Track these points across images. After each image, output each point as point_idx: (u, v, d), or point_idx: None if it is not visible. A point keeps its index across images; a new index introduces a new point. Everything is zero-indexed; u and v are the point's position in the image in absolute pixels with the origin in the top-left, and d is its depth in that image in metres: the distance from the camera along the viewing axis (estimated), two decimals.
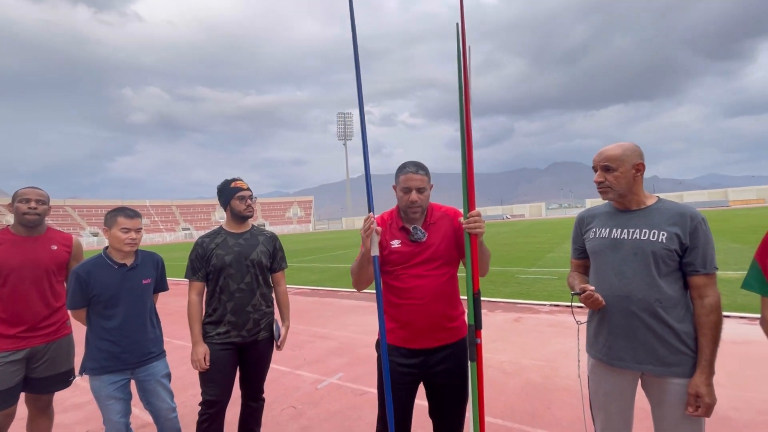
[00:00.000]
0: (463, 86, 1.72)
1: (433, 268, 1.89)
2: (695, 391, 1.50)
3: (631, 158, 1.64)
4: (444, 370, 1.90)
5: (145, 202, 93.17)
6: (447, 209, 2.03)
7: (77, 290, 2.18)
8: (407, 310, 1.89)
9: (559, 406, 3.11)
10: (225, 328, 2.29)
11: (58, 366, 2.43)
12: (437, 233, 1.93)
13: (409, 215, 1.94)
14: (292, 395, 3.59)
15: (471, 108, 1.75)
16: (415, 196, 1.87)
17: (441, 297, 1.89)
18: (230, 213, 2.43)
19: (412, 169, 1.90)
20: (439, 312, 1.88)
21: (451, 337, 1.91)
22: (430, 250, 1.90)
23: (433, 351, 1.90)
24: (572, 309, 1.84)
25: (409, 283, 1.89)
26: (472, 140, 1.74)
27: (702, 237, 1.54)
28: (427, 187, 1.92)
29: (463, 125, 1.72)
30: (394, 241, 1.94)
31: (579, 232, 1.90)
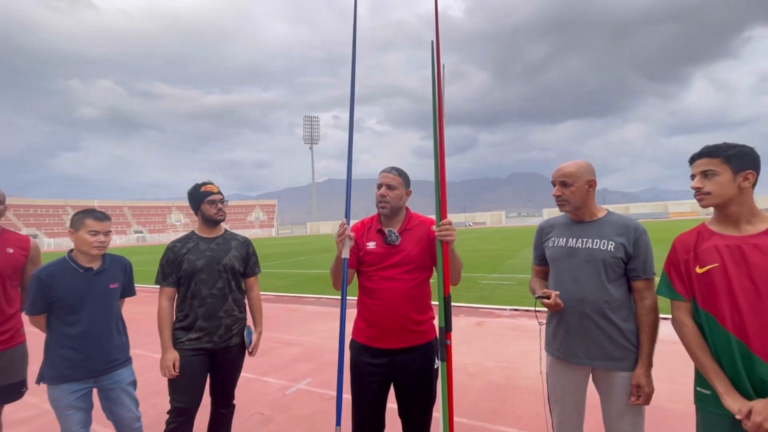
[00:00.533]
0: (437, 102, 1.86)
1: (404, 271, 2.00)
2: (637, 381, 1.70)
3: (585, 175, 1.84)
4: (412, 371, 1.99)
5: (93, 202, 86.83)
6: (425, 219, 2.16)
7: (38, 295, 2.08)
8: (376, 310, 2.00)
9: (520, 404, 3.31)
10: (196, 334, 2.27)
11: (11, 376, 2.29)
12: (411, 239, 2.05)
13: (379, 209, 2.07)
14: (260, 401, 3.55)
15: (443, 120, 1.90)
16: (384, 191, 2.03)
17: (409, 300, 1.99)
18: (201, 217, 2.41)
19: (387, 169, 2.10)
20: (406, 314, 1.98)
21: (418, 339, 2.01)
22: (402, 254, 2.01)
23: (400, 352, 1.99)
24: (536, 311, 2.01)
25: (380, 284, 2.00)
26: (444, 154, 1.89)
27: (643, 246, 1.76)
28: (398, 186, 2.06)
29: (436, 140, 1.86)
30: (370, 243, 2.05)
31: (540, 240, 2.08)
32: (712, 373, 1.44)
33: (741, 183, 1.44)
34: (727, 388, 1.40)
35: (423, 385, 2.01)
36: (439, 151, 1.85)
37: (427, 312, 2.08)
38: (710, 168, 1.47)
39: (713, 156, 1.47)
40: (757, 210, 1.47)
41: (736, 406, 1.36)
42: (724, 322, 1.42)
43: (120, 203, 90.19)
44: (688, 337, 1.52)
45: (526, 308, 6.64)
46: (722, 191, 1.45)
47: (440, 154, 1.85)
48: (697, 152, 1.54)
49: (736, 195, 1.45)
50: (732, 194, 1.45)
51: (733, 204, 1.46)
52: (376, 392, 2.03)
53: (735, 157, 1.44)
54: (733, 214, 1.47)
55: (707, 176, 1.48)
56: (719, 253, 1.45)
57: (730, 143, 1.48)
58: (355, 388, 2.06)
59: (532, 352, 4.51)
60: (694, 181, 1.53)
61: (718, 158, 1.46)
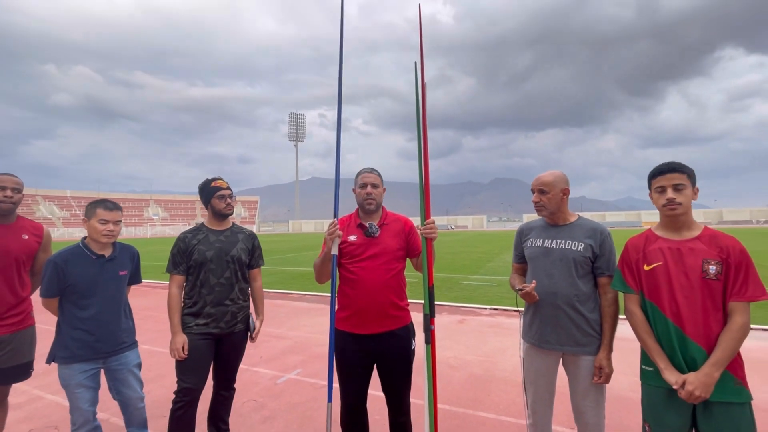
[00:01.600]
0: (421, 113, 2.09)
1: (382, 262, 2.23)
2: (599, 363, 1.97)
3: (560, 184, 2.11)
4: (393, 353, 2.24)
5: (66, 192, 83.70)
6: (400, 216, 2.44)
7: (53, 279, 2.20)
8: (357, 298, 2.21)
9: (497, 393, 3.57)
10: (204, 319, 2.42)
11: (20, 357, 2.39)
12: (388, 233, 2.30)
13: (365, 207, 2.31)
14: (252, 390, 3.70)
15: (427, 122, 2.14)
16: (370, 189, 2.29)
17: (387, 289, 2.22)
18: (211, 211, 2.57)
19: (367, 170, 2.35)
20: (386, 301, 2.21)
21: (396, 324, 2.25)
22: (380, 245, 2.25)
23: (381, 336, 2.22)
24: (516, 302, 2.26)
25: (360, 274, 2.21)
26: (428, 160, 2.13)
27: (608, 248, 2.04)
28: (379, 185, 2.33)
29: (421, 146, 2.09)
30: (351, 236, 2.29)
31: (519, 241, 2.34)
32: (654, 352, 1.73)
33: (693, 197, 1.74)
34: (667, 364, 1.68)
35: (402, 364, 2.26)
36: (424, 158, 2.09)
37: (403, 299, 2.32)
38: (681, 182, 1.73)
39: (682, 172, 1.73)
40: (693, 219, 1.78)
41: (673, 379, 1.64)
42: (665, 311, 1.71)
43: (95, 194, 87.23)
44: (636, 323, 1.81)
45: (505, 308, 6.97)
46: (688, 202, 1.73)
47: (424, 160, 2.09)
48: (665, 167, 1.75)
49: (690, 207, 1.74)
50: (690, 206, 1.74)
51: (688, 213, 1.75)
52: (362, 375, 2.27)
53: (692, 175, 1.74)
54: (682, 222, 1.76)
55: (679, 189, 1.73)
56: (663, 254, 1.74)
57: (682, 163, 1.76)
58: (342, 373, 2.28)
59: (509, 347, 4.80)
60: (669, 192, 1.72)
61: (684, 174, 1.73)
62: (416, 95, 2.11)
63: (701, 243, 1.70)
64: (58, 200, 79.73)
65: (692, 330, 1.65)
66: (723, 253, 1.65)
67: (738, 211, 73.16)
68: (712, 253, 1.66)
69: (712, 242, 1.68)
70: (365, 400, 2.33)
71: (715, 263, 1.64)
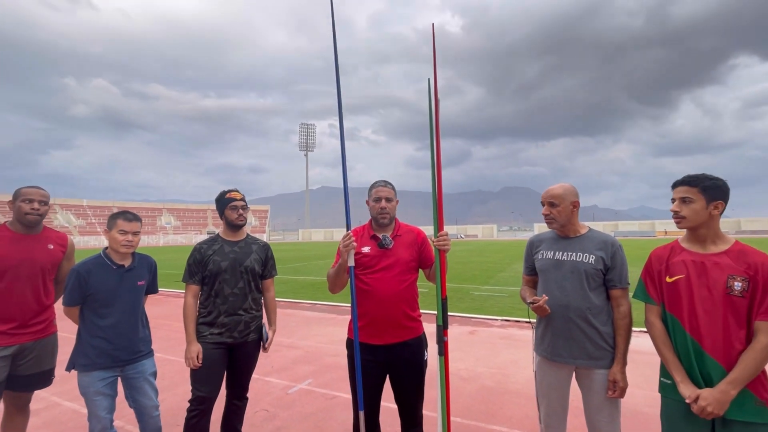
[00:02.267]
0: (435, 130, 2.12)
1: (395, 273, 2.26)
2: (613, 377, 1.95)
3: (570, 197, 2.12)
4: (406, 363, 2.25)
5: (82, 201, 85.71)
6: (412, 228, 2.47)
7: (76, 288, 2.28)
8: (371, 309, 2.23)
9: (510, 406, 3.53)
10: (218, 329, 2.47)
11: (43, 364, 2.46)
12: (401, 244, 2.34)
13: (379, 221, 2.35)
14: (263, 399, 3.72)
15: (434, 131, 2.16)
16: (384, 203, 2.32)
17: (401, 299, 2.25)
18: (225, 221, 2.63)
19: (381, 183, 2.38)
20: (400, 312, 2.24)
21: (410, 334, 2.27)
22: (394, 257, 2.28)
23: (394, 346, 2.24)
24: (528, 314, 2.26)
25: (374, 285, 2.24)
26: (441, 174, 2.16)
27: (619, 259, 2.03)
28: (393, 198, 2.37)
29: (434, 160, 2.12)
30: (365, 247, 2.32)
31: (530, 253, 2.34)
32: (672, 365, 1.71)
33: (712, 211, 1.70)
34: (683, 377, 1.66)
35: (415, 374, 2.27)
36: (437, 171, 2.12)
37: (416, 310, 2.34)
38: (688, 195, 1.73)
39: (692, 185, 1.73)
40: (721, 233, 1.75)
41: (687, 392, 1.62)
42: (684, 324, 1.69)
43: (110, 203, 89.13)
44: (656, 334, 1.79)
45: (516, 319, 6.89)
46: (695, 217, 1.71)
47: (438, 174, 2.12)
48: (679, 179, 1.79)
49: (706, 220, 1.71)
50: (703, 220, 1.71)
51: (703, 227, 1.73)
52: (375, 385, 2.28)
53: (710, 188, 1.70)
54: (702, 236, 1.74)
55: (685, 202, 1.74)
56: (686, 267, 1.72)
57: (708, 175, 1.74)
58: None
59: (521, 359, 4.75)
60: (674, 205, 1.78)
61: (696, 188, 1.72)
62: (429, 111, 2.14)
63: (728, 258, 1.67)
64: (74, 209, 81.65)
65: (710, 346, 1.63)
66: (751, 269, 1.60)
67: (757, 220, 71.29)
68: (739, 269, 1.62)
69: (740, 258, 1.65)
70: (378, 411, 2.34)
71: (741, 279, 1.61)
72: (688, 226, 1.75)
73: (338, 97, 2.20)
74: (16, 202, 2.36)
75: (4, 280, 2.29)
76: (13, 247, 2.34)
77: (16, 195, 2.37)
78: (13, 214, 2.38)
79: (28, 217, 2.37)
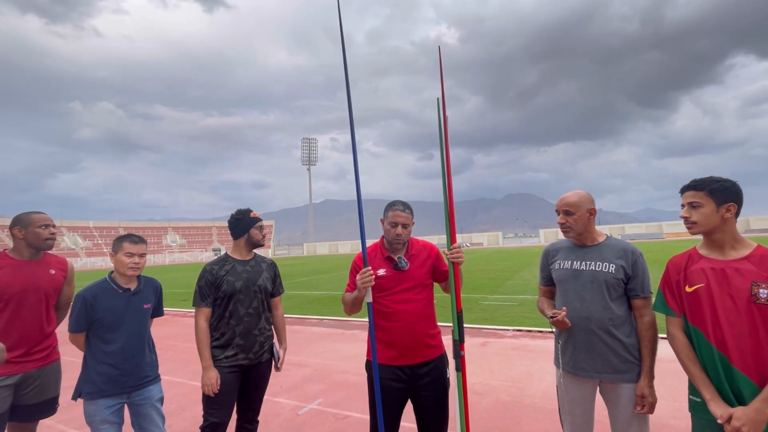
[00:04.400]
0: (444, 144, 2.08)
1: (414, 294, 2.21)
2: (641, 392, 1.86)
3: (585, 204, 2.05)
4: (428, 383, 2.17)
5: (89, 223, 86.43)
6: (425, 243, 2.41)
7: (82, 314, 2.23)
8: (395, 331, 2.16)
9: (528, 421, 3.40)
10: (233, 351, 2.40)
11: (47, 392, 2.40)
12: (416, 262, 2.27)
13: (393, 245, 2.28)
14: (274, 422, 3.62)
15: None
16: (400, 230, 2.23)
17: (423, 318, 2.19)
18: (246, 241, 2.58)
19: (400, 207, 2.25)
20: (422, 332, 2.18)
21: (433, 353, 2.21)
22: (411, 277, 2.22)
23: (417, 367, 2.17)
24: (552, 331, 2.18)
25: (395, 307, 2.18)
26: (452, 188, 2.12)
27: (640, 268, 1.95)
28: (410, 223, 2.27)
29: (445, 175, 2.08)
30: (380, 270, 2.24)
31: (546, 263, 2.26)
32: (699, 381, 1.60)
33: (724, 214, 1.63)
34: (713, 395, 1.56)
35: (438, 395, 2.17)
36: (448, 185, 2.08)
37: (436, 326, 2.27)
38: (696, 200, 1.67)
39: (699, 189, 1.67)
40: (739, 237, 1.66)
41: (719, 412, 1.51)
42: (709, 337, 1.59)
43: (116, 224, 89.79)
44: (679, 348, 1.69)
45: (528, 329, 6.74)
46: (706, 221, 1.65)
47: (449, 188, 2.08)
48: (686, 185, 1.74)
49: (719, 224, 1.64)
50: (715, 224, 1.64)
51: (717, 232, 1.65)
52: (395, 408, 2.18)
53: (718, 191, 1.63)
54: (718, 241, 1.66)
55: (694, 207, 1.68)
56: (705, 275, 1.64)
57: (716, 178, 1.68)
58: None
59: (536, 371, 4.61)
60: (683, 211, 1.73)
61: (702, 191, 1.66)
62: (439, 130, 2.09)
63: (750, 263, 1.58)
64: (81, 231, 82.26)
65: (739, 359, 1.53)
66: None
67: (766, 218, 70.28)
68: (763, 275, 1.53)
69: (763, 263, 1.56)
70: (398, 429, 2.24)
71: (766, 286, 1.52)
72: (699, 231, 1.68)
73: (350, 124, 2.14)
74: (29, 228, 2.33)
75: (9, 307, 2.25)
76: (16, 274, 2.30)
77: (26, 222, 2.33)
78: (19, 241, 2.34)
79: (48, 242, 2.37)
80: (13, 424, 2.36)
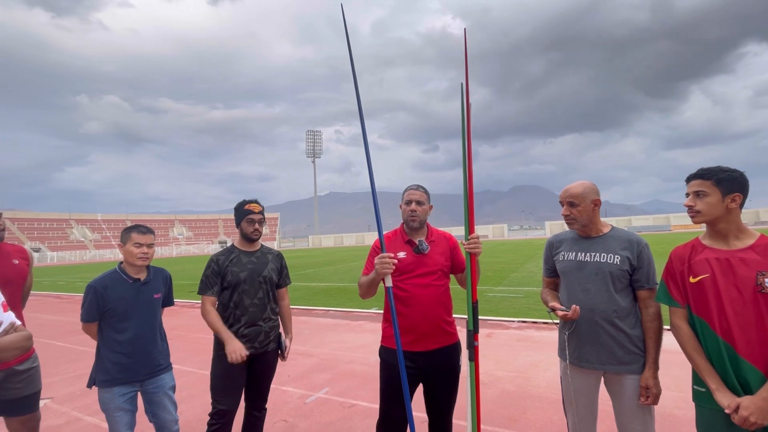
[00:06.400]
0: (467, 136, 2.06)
1: (434, 279, 2.22)
2: (645, 383, 1.87)
3: (590, 195, 2.04)
4: (441, 370, 2.20)
5: (97, 215, 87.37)
6: (444, 233, 2.42)
7: (93, 304, 2.27)
8: (412, 316, 2.17)
9: (533, 411, 3.44)
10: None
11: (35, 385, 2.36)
12: (437, 249, 2.30)
13: (409, 224, 2.30)
14: (282, 409, 3.69)
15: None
16: (414, 206, 2.26)
17: (440, 304, 2.21)
18: (240, 233, 2.61)
19: (414, 186, 2.33)
20: (440, 317, 2.20)
21: (449, 340, 2.23)
22: (431, 262, 2.24)
23: (434, 352, 2.18)
24: (553, 320, 2.19)
25: (414, 291, 2.19)
26: (472, 179, 2.11)
27: (646, 259, 1.95)
28: (425, 202, 2.30)
29: (466, 168, 2.07)
30: (400, 252, 2.26)
31: (549, 254, 2.26)
32: (705, 372, 1.61)
33: (729, 204, 1.62)
34: (719, 385, 1.56)
35: (451, 382, 2.21)
36: (468, 176, 2.07)
37: (451, 315, 2.29)
38: (702, 189, 1.66)
39: (705, 178, 1.66)
40: (744, 227, 1.66)
41: (725, 402, 1.52)
42: (714, 327, 1.60)
43: (123, 216, 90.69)
44: (684, 339, 1.70)
45: (533, 320, 6.77)
46: (711, 210, 1.64)
47: (469, 179, 2.08)
48: (692, 173, 1.73)
49: (723, 214, 1.63)
50: (720, 213, 1.64)
51: (721, 222, 1.65)
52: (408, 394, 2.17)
53: (725, 180, 1.62)
54: (722, 231, 1.66)
55: (699, 196, 1.67)
56: (710, 265, 1.63)
57: (723, 167, 1.67)
58: (387, 390, 2.22)
59: (541, 362, 4.64)
60: (688, 199, 1.72)
61: (709, 180, 1.65)
62: (462, 117, 2.05)
63: (755, 253, 1.58)
64: (90, 223, 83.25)
65: (745, 349, 1.53)
66: None
67: None
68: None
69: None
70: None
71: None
72: (703, 221, 1.68)
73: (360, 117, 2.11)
74: None
75: None
76: None
77: None
78: None
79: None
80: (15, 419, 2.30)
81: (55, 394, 4.25)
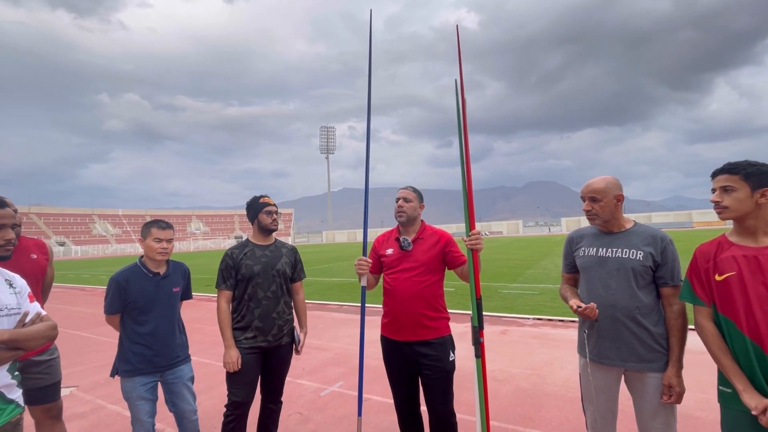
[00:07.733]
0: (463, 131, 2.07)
1: (414, 274, 2.31)
2: (668, 382, 1.82)
3: (613, 190, 1.99)
4: (429, 363, 2.26)
5: (118, 211, 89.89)
6: (437, 230, 2.48)
7: (116, 297, 2.34)
8: (393, 306, 2.34)
9: (548, 409, 3.39)
10: (252, 333, 2.48)
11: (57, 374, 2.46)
12: (422, 246, 2.38)
13: (397, 219, 2.46)
14: (296, 402, 3.74)
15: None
16: (401, 203, 2.43)
17: (419, 299, 2.29)
18: (257, 226, 2.65)
19: (404, 186, 2.49)
20: (418, 311, 2.28)
21: (431, 333, 2.29)
22: (412, 258, 2.34)
23: (416, 344, 2.28)
24: (574, 317, 2.15)
25: (394, 285, 2.35)
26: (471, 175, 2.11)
27: (670, 255, 1.88)
28: (413, 200, 2.42)
29: (463, 163, 2.07)
30: (389, 249, 2.45)
31: (569, 250, 2.22)
32: (731, 372, 1.55)
33: (758, 199, 1.55)
34: (746, 386, 1.50)
35: (440, 375, 2.25)
36: (467, 172, 2.08)
37: (439, 311, 2.34)
38: (729, 184, 1.59)
39: (733, 173, 1.59)
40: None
41: (753, 403, 1.46)
42: (741, 326, 1.53)
43: (143, 212, 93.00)
44: (709, 339, 1.64)
45: (549, 317, 6.67)
46: (739, 206, 1.57)
47: (467, 175, 2.08)
48: (718, 168, 1.67)
49: (753, 210, 1.56)
50: (748, 209, 1.57)
51: (750, 218, 1.58)
52: (408, 381, 2.36)
53: (753, 174, 1.55)
54: (751, 227, 1.59)
55: (726, 191, 1.61)
56: (737, 263, 1.57)
57: (751, 161, 1.60)
58: (391, 378, 2.42)
59: (557, 359, 4.57)
60: (714, 195, 1.66)
61: (737, 175, 1.58)
62: (458, 114, 2.12)
63: None
64: (111, 219, 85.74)
65: None
66: None
67: None
68: None
69: None
70: (418, 406, 2.41)
71: None
72: (731, 217, 1.61)
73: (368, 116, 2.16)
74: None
75: None
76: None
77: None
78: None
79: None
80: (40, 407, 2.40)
81: (80, 383, 4.42)
